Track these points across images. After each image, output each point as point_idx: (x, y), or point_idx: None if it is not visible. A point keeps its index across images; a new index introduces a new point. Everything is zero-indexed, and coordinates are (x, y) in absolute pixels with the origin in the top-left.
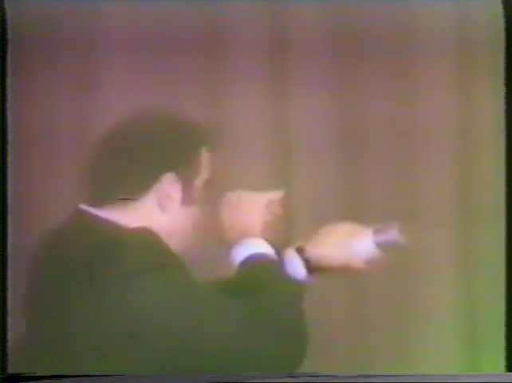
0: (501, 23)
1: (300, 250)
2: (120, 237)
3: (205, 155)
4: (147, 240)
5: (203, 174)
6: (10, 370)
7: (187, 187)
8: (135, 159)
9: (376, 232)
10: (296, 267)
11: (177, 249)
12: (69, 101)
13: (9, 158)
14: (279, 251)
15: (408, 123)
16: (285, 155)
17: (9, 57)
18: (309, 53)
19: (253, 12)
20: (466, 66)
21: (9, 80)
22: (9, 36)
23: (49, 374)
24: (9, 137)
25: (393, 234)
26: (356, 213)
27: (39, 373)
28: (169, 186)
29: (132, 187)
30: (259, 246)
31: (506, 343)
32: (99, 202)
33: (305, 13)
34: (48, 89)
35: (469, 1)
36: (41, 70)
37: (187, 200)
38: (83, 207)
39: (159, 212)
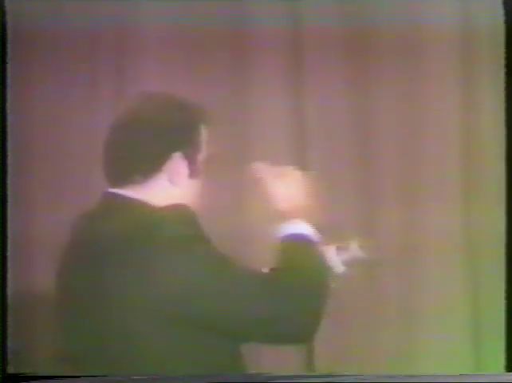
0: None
1: (340, 249)
2: (155, 214)
3: (205, 134)
4: (183, 215)
5: (205, 151)
6: (11, 370)
7: (192, 163)
8: (146, 143)
9: (338, 249)
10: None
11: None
12: (70, 99)
13: (9, 159)
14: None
15: (415, 116)
16: (302, 142)
17: (9, 57)
18: (325, 51)
19: (273, 11)
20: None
21: (9, 80)
22: (9, 36)
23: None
24: (9, 137)
25: (355, 251)
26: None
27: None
28: (177, 163)
29: (146, 168)
30: (302, 228)
31: (506, 343)
32: (119, 184)
33: (323, 11)
34: (48, 88)
35: (470, 3)
36: (41, 70)
37: (193, 174)
38: (111, 190)
39: (171, 187)
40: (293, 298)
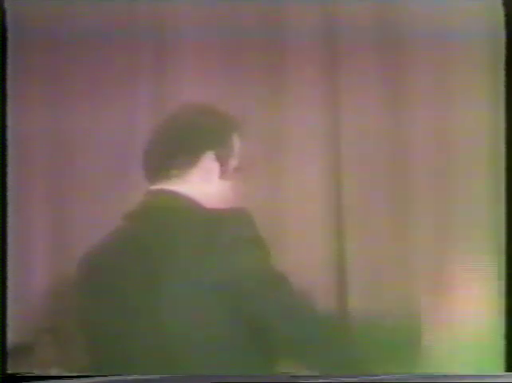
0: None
1: None
2: (213, 213)
3: (237, 139)
4: (242, 216)
5: (237, 154)
6: (11, 370)
7: (223, 164)
8: (183, 142)
9: None
10: None
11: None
12: (70, 101)
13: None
14: None
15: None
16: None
17: (9, 57)
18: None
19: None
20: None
21: (9, 80)
22: (10, 36)
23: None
24: (9, 136)
25: None
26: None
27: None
28: (209, 163)
29: (182, 166)
30: None
31: (506, 343)
32: (155, 178)
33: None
34: (48, 89)
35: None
36: (41, 70)
37: (224, 175)
38: (158, 186)
39: (202, 184)
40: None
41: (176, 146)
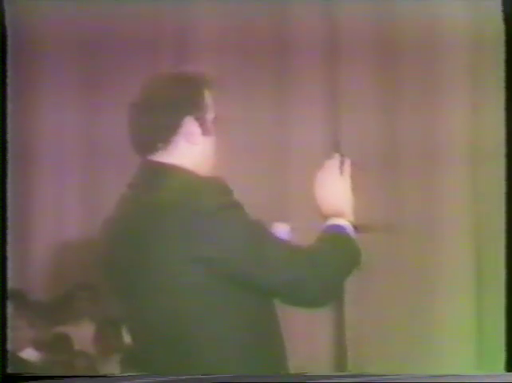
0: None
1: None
2: (193, 182)
3: (209, 98)
4: (217, 184)
5: (211, 112)
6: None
7: (202, 123)
8: (161, 114)
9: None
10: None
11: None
12: (70, 100)
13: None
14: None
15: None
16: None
17: (9, 57)
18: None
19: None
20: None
21: (9, 80)
22: (9, 36)
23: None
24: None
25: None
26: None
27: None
28: (190, 125)
29: (165, 135)
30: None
31: (506, 343)
32: (146, 153)
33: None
34: (48, 88)
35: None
36: (41, 69)
37: (205, 133)
38: (147, 158)
39: (189, 147)
40: (315, 268)
41: (156, 118)
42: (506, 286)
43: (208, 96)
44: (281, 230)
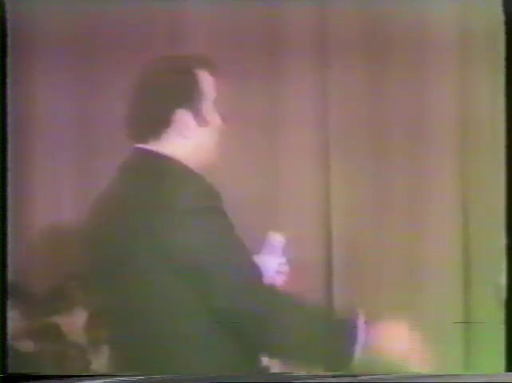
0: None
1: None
2: (179, 173)
3: (202, 85)
4: (204, 185)
5: (205, 99)
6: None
7: (197, 113)
8: (153, 104)
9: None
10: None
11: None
12: (70, 99)
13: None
14: None
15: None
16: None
17: (9, 57)
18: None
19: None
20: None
21: (9, 79)
22: (10, 35)
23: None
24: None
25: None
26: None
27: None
28: (183, 116)
29: (156, 125)
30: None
31: (506, 343)
32: (140, 139)
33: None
34: (48, 88)
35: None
36: (41, 69)
37: (201, 124)
38: (139, 145)
39: (182, 140)
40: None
41: (147, 108)
42: (506, 285)
43: (200, 84)
44: (275, 240)
